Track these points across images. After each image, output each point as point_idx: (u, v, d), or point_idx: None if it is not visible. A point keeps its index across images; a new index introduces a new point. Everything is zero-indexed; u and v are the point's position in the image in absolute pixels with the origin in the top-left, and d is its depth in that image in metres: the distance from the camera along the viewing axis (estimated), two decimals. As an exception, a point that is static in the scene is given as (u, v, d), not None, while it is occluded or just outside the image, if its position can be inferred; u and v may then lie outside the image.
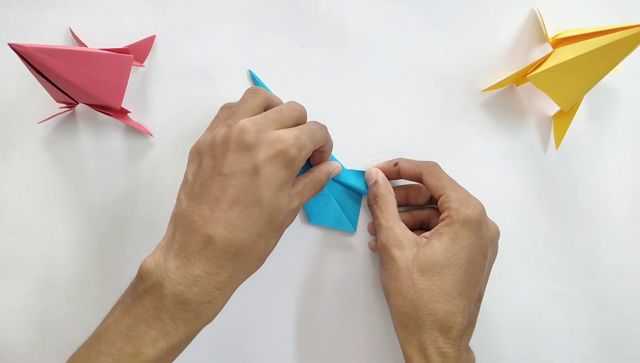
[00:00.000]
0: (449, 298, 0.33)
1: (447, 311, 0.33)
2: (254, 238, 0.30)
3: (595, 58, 0.36)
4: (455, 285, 0.34)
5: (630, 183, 0.44)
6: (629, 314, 0.43)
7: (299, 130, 0.33)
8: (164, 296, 0.29)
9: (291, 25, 0.42)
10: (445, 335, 0.33)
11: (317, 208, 0.41)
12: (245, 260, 0.31)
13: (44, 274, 0.42)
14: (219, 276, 0.30)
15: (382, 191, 0.38)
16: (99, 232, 0.42)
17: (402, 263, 0.34)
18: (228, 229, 0.30)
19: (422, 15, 0.43)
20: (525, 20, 0.43)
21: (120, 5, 0.42)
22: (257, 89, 0.35)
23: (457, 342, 0.34)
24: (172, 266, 0.30)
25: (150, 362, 0.29)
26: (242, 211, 0.30)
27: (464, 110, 0.43)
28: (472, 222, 0.34)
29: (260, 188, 0.30)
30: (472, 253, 0.34)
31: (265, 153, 0.30)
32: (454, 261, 0.34)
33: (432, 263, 0.34)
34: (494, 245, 0.37)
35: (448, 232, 0.34)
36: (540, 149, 0.43)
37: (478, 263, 0.35)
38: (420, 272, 0.34)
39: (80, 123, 0.42)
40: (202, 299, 0.30)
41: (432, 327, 0.33)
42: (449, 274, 0.34)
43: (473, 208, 0.35)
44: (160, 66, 0.42)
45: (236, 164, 0.30)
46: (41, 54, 0.33)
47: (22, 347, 0.41)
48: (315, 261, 0.42)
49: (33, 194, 0.42)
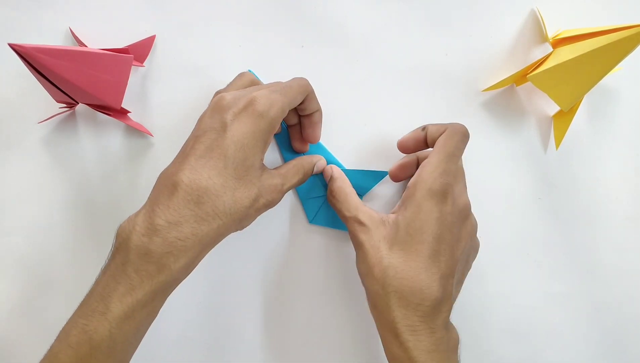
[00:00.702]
0: (414, 273, 0.33)
1: (413, 287, 0.32)
2: (218, 188, 0.31)
3: (595, 58, 0.36)
4: (421, 260, 0.33)
5: (630, 183, 0.44)
6: (629, 314, 0.43)
7: (271, 87, 0.34)
8: (129, 249, 0.30)
9: (291, 25, 0.42)
10: (414, 311, 0.32)
11: (316, 208, 0.41)
12: (209, 211, 0.31)
13: (44, 274, 0.42)
14: (181, 226, 0.30)
15: (338, 183, 0.38)
16: (99, 232, 0.42)
17: (368, 245, 0.34)
18: (191, 177, 0.31)
19: (422, 15, 0.43)
20: (525, 20, 0.43)
21: (120, 5, 0.42)
22: (244, 73, 0.38)
23: (429, 318, 0.32)
24: (139, 220, 0.31)
25: (117, 318, 0.29)
26: (207, 162, 0.31)
27: (464, 110, 0.43)
28: (435, 195, 0.33)
29: (226, 141, 0.31)
30: (436, 228, 0.33)
31: (233, 111, 0.32)
32: (417, 236, 0.33)
33: (397, 240, 0.33)
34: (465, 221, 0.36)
35: (410, 205, 0.34)
36: (540, 149, 0.43)
37: (444, 240, 0.33)
38: (387, 249, 0.34)
39: (80, 123, 0.42)
40: (164, 249, 0.30)
41: (399, 304, 0.32)
42: (413, 250, 0.33)
43: (439, 182, 0.34)
44: (160, 66, 0.42)
45: (208, 124, 0.32)
46: (41, 54, 0.33)
47: (22, 347, 0.41)
48: (315, 261, 0.42)
49: (33, 194, 0.42)
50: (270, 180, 0.34)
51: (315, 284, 0.42)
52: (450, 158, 0.35)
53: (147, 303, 0.30)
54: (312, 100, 0.37)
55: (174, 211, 0.30)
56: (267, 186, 0.34)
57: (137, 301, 0.30)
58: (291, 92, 0.34)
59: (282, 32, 0.42)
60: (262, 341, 0.42)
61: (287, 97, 0.34)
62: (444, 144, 0.36)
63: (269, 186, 0.34)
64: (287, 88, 0.34)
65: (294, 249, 0.42)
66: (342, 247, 0.42)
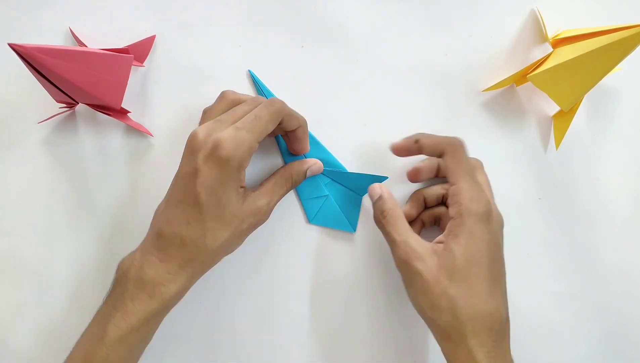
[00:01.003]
0: (482, 298, 0.33)
1: (485, 312, 0.33)
2: (198, 232, 0.34)
3: (595, 58, 0.36)
4: (484, 284, 0.33)
5: (630, 183, 0.44)
6: (630, 314, 0.43)
7: (237, 125, 0.34)
8: (128, 280, 0.34)
9: (291, 25, 0.42)
10: (488, 336, 0.33)
11: (317, 209, 0.41)
12: (193, 251, 0.34)
13: (44, 274, 0.41)
14: (169, 263, 0.34)
15: (389, 205, 0.37)
16: (98, 232, 0.42)
17: (428, 275, 0.33)
18: (173, 224, 0.34)
19: (422, 15, 0.43)
20: (525, 20, 0.43)
21: (120, 5, 0.42)
22: (224, 94, 0.37)
23: (500, 340, 0.33)
24: (137, 256, 0.35)
25: (113, 341, 0.33)
26: (185, 208, 0.34)
27: (464, 110, 0.43)
28: (483, 218, 0.34)
29: (197, 188, 0.33)
30: (490, 247, 0.34)
31: (202, 156, 0.33)
32: (476, 260, 0.33)
33: (457, 268, 0.33)
34: (502, 234, 0.37)
35: (462, 232, 0.34)
36: (540, 149, 0.43)
37: (497, 257, 0.35)
38: (449, 280, 0.33)
39: (80, 123, 0.42)
40: (156, 281, 0.33)
41: (474, 332, 0.32)
42: (475, 274, 0.33)
43: (482, 202, 0.34)
44: (160, 66, 0.42)
45: (185, 168, 0.34)
46: (41, 54, 0.33)
47: (21, 347, 0.41)
48: (316, 261, 0.42)
49: (33, 194, 0.42)
50: (253, 205, 0.35)
51: (315, 284, 0.42)
52: (474, 176, 0.36)
53: (140, 327, 0.33)
54: (290, 120, 0.36)
55: (162, 252, 0.34)
56: (249, 212, 0.35)
57: (131, 327, 0.33)
58: (259, 125, 0.34)
59: (282, 32, 0.42)
60: (260, 341, 0.42)
61: (255, 133, 0.34)
62: (458, 165, 0.35)
63: (252, 211, 0.35)
64: (255, 122, 0.34)
65: (293, 248, 0.42)
66: (343, 247, 0.42)
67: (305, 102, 0.42)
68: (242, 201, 0.35)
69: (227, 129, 0.34)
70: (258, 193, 0.36)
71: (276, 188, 0.38)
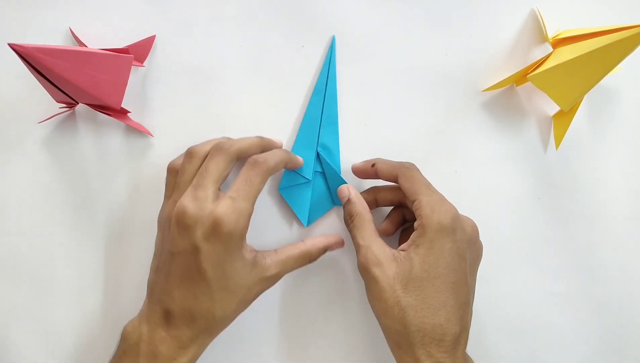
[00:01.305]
0: (433, 310, 0.33)
1: (435, 324, 0.33)
2: (207, 305, 0.33)
3: (595, 58, 0.36)
4: (438, 296, 0.33)
5: (630, 183, 0.44)
6: (629, 314, 0.43)
7: (231, 194, 0.34)
8: (139, 355, 0.33)
9: (291, 26, 0.42)
10: (437, 347, 0.33)
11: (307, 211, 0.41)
12: (203, 324, 0.34)
13: (44, 274, 0.41)
14: (180, 338, 0.34)
15: (357, 208, 0.37)
16: (99, 232, 0.42)
17: (383, 282, 0.33)
18: (180, 301, 0.33)
19: (422, 15, 0.43)
20: (525, 20, 0.43)
21: (120, 5, 0.42)
22: (192, 152, 0.36)
23: (452, 351, 0.33)
24: (145, 330, 0.34)
25: None
26: (191, 284, 0.33)
27: (464, 110, 0.43)
28: (445, 228, 0.34)
29: (203, 265, 0.33)
30: (450, 259, 0.33)
31: (201, 233, 0.33)
32: (433, 271, 0.33)
33: (412, 278, 0.33)
34: (474, 245, 0.36)
35: (423, 242, 0.34)
36: (540, 149, 0.43)
37: (459, 269, 0.34)
38: (402, 289, 0.33)
39: (80, 123, 0.42)
40: (168, 356, 0.33)
41: (423, 342, 0.33)
42: (430, 286, 0.33)
43: (445, 213, 0.34)
44: (160, 66, 0.42)
45: (180, 244, 0.33)
46: (41, 54, 0.33)
47: (21, 347, 0.41)
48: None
49: (33, 195, 0.42)
50: (262, 274, 0.35)
51: (313, 283, 0.42)
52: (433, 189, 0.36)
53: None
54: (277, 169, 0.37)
55: (173, 328, 0.34)
56: (257, 281, 0.35)
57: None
58: (253, 190, 0.34)
59: (282, 32, 0.42)
60: (259, 341, 0.42)
61: (251, 199, 0.34)
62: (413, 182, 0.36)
63: (261, 280, 0.35)
64: (248, 188, 0.34)
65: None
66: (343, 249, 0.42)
67: (306, 103, 0.42)
68: (251, 268, 0.34)
69: (222, 202, 0.33)
70: (270, 262, 0.35)
71: (290, 262, 0.37)
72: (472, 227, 0.36)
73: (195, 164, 0.36)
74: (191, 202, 0.33)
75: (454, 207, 0.35)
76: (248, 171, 0.35)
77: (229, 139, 0.38)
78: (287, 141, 0.42)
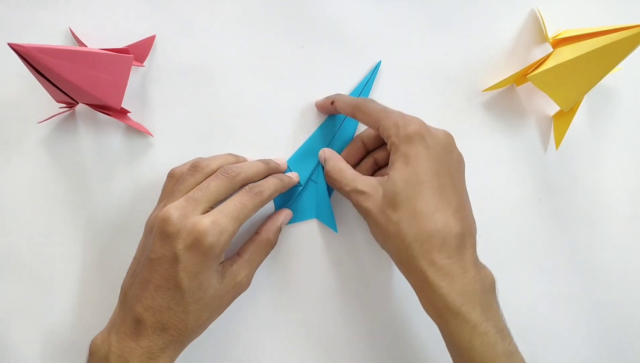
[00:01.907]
0: (427, 216, 0.32)
1: (432, 229, 0.32)
2: (180, 315, 0.33)
3: (595, 58, 0.36)
4: (428, 202, 0.32)
5: (630, 183, 0.44)
6: (629, 314, 0.43)
7: (219, 212, 0.33)
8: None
9: (291, 25, 0.42)
10: (439, 254, 0.32)
11: None
12: (174, 334, 0.33)
13: (44, 274, 0.41)
14: (151, 349, 0.33)
15: (332, 163, 0.38)
16: (98, 232, 0.42)
17: (375, 209, 0.34)
18: (153, 310, 0.33)
19: (422, 15, 0.43)
20: (525, 20, 0.43)
21: (120, 5, 0.42)
22: (197, 165, 0.36)
23: (456, 257, 0.32)
24: (114, 340, 0.33)
25: None
26: (165, 293, 0.33)
27: (464, 110, 0.43)
28: (413, 137, 0.33)
29: (180, 274, 0.32)
30: (429, 164, 0.33)
31: (183, 243, 0.32)
32: (414, 180, 0.33)
33: (397, 193, 0.33)
34: (452, 152, 0.35)
35: (397, 158, 0.34)
36: (540, 149, 0.43)
37: (441, 173, 0.33)
38: (392, 207, 0.33)
39: (80, 123, 0.42)
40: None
41: (423, 251, 0.32)
42: (417, 195, 0.33)
43: (409, 124, 0.34)
44: (160, 66, 0.42)
45: (160, 251, 0.33)
46: (41, 54, 0.33)
47: (22, 347, 0.41)
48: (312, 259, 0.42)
49: (33, 194, 0.42)
50: (233, 281, 0.35)
51: (312, 282, 0.42)
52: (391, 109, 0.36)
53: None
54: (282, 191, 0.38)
55: (143, 337, 0.33)
56: (229, 288, 0.35)
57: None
58: (244, 213, 0.34)
59: (282, 32, 0.42)
60: (257, 340, 0.42)
61: (239, 221, 0.34)
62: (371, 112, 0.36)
63: (232, 286, 0.35)
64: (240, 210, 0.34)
65: (290, 248, 0.42)
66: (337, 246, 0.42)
67: (306, 102, 0.42)
68: (222, 278, 0.34)
69: (208, 216, 0.33)
70: (237, 267, 0.36)
71: (255, 256, 0.37)
72: (445, 133, 0.35)
73: (197, 178, 0.35)
74: (178, 210, 0.33)
75: (418, 118, 0.35)
76: (243, 196, 0.35)
77: (236, 159, 0.38)
78: (287, 140, 0.42)
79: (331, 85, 0.42)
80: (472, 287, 0.32)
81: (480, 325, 0.31)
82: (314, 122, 0.42)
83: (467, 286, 0.32)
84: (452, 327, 0.31)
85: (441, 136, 0.35)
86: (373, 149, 0.40)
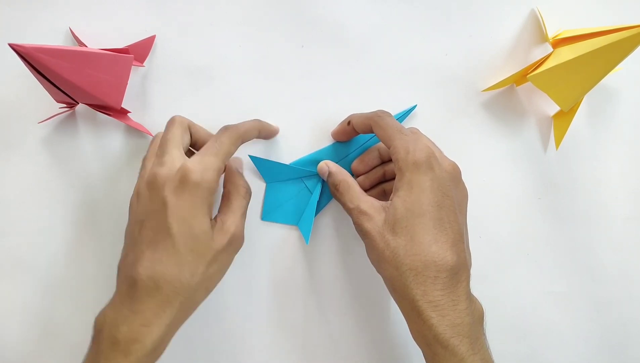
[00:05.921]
0: (424, 248, 0.32)
1: (426, 260, 0.32)
2: (173, 269, 0.32)
3: (595, 58, 0.36)
4: (426, 233, 0.32)
5: (630, 183, 0.44)
6: (629, 314, 0.43)
7: (200, 152, 0.34)
8: (101, 340, 0.32)
9: (291, 25, 0.42)
10: (432, 286, 0.31)
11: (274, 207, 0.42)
12: (169, 292, 0.32)
13: (44, 274, 0.41)
14: (143, 314, 0.31)
15: (339, 178, 0.38)
16: (99, 232, 0.42)
17: (374, 232, 0.34)
18: (145, 265, 0.32)
19: (422, 15, 0.43)
20: (525, 20, 0.43)
21: (120, 5, 0.42)
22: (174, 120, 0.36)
23: (449, 290, 0.32)
24: (109, 312, 0.33)
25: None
26: (157, 246, 0.32)
27: (464, 110, 0.43)
28: (420, 166, 0.33)
29: (169, 220, 0.32)
30: (433, 196, 0.33)
31: (170, 186, 0.32)
32: (416, 209, 0.33)
33: (398, 220, 0.33)
34: (458, 184, 0.35)
35: (402, 185, 0.34)
36: (540, 149, 0.43)
37: (444, 205, 0.33)
38: (391, 233, 0.33)
39: (80, 123, 0.42)
40: (130, 338, 0.31)
41: (416, 282, 0.32)
42: (417, 224, 0.33)
43: (419, 151, 0.34)
44: (160, 66, 0.42)
45: (150, 206, 0.33)
46: (41, 54, 0.33)
47: (22, 347, 0.41)
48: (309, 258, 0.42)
49: (33, 194, 0.42)
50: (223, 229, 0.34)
51: (311, 283, 0.42)
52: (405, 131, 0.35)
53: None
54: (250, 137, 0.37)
55: (137, 301, 0.32)
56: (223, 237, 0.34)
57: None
58: (223, 148, 0.34)
59: (282, 32, 0.42)
60: (255, 340, 0.42)
61: (220, 156, 0.34)
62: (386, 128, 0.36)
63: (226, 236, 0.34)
64: (217, 146, 0.34)
65: (288, 248, 0.42)
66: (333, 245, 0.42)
67: (306, 102, 0.42)
68: (216, 230, 0.34)
69: (191, 159, 0.33)
70: (222, 217, 0.35)
71: (234, 203, 0.36)
72: (452, 165, 0.35)
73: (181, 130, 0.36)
74: (160, 167, 0.33)
75: (429, 145, 0.35)
76: (219, 135, 0.35)
77: None
78: (287, 140, 0.42)
79: (331, 85, 0.42)
80: (462, 320, 0.32)
81: (468, 358, 0.31)
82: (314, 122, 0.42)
83: (457, 319, 0.31)
84: (440, 358, 0.31)
85: (448, 168, 0.35)
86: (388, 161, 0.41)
